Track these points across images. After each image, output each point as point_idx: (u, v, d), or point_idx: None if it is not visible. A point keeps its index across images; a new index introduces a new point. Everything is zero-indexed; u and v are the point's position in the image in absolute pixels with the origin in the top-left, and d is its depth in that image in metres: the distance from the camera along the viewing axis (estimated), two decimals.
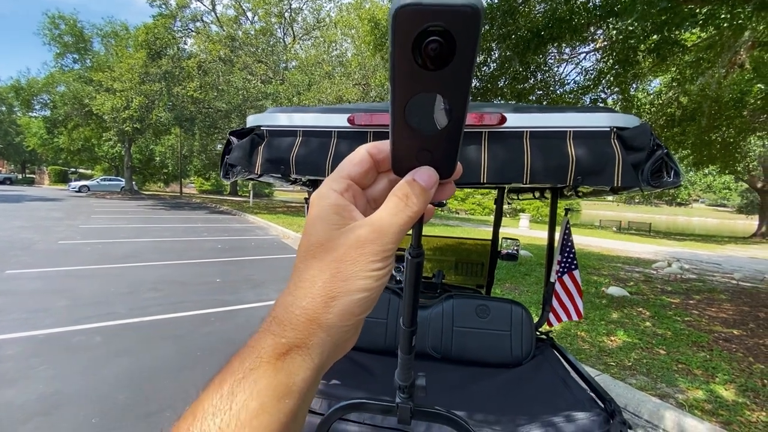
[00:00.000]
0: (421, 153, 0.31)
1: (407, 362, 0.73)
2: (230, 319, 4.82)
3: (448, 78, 0.26)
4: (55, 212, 15.90)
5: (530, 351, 1.77)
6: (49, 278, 6.14)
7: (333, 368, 1.60)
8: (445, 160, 0.32)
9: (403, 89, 0.28)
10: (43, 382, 3.15)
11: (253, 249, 9.98)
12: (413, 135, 0.30)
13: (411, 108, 0.29)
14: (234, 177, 1.35)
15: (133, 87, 19.79)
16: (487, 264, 3.18)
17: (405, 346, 0.70)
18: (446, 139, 0.30)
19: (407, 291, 0.59)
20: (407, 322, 0.65)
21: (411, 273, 0.56)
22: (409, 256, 0.53)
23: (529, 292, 6.49)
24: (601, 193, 1.46)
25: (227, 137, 1.35)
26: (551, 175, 1.09)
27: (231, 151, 1.32)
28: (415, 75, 0.27)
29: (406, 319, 0.64)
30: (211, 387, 0.29)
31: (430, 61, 0.26)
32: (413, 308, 0.62)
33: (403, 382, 0.76)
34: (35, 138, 32.86)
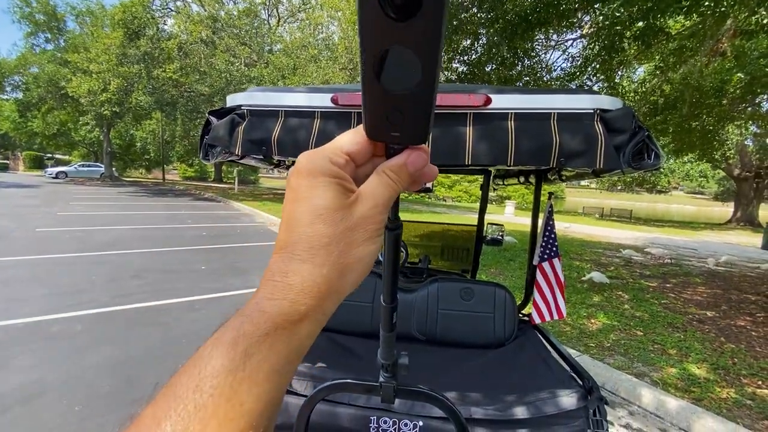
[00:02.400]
0: (393, 114, 0.30)
1: (389, 340, 0.73)
2: (215, 306, 4.78)
3: (417, 30, 0.25)
4: (32, 199, 15.37)
5: (513, 332, 1.80)
6: (26, 266, 5.97)
7: (318, 350, 1.61)
8: (416, 122, 0.31)
9: (371, 43, 0.26)
10: (22, 371, 3.09)
11: (239, 236, 9.88)
12: (384, 94, 0.29)
13: (380, 64, 0.27)
14: (214, 158, 1.31)
15: (111, 69, 19.04)
16: (473, 249, 3.21)
17: (386, 323, 0.70)
18: (418, 100, 0.29)
19: (387, 265, 0.59)
20: (387, 298, 0.64)
21: (390, 246, 0.55)
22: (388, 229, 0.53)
23: (514, 277, 6.61)
24: (584, 176, 1.48)
25: (206, 117, 1.31)
26: (535, 157, 1.09)
27: (210, 131, 1.28)
28: (383, 27, 0.25)
29: (387, 295, 0.64)
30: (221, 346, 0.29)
31: (397, 10, 0.25)
32: (393, 283, 0.62)
33: (386, 360, 0.77)
34: (7, 122, 31.49)
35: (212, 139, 1.25)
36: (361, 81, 0.29)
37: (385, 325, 0.71)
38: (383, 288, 0.63)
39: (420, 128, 0.32)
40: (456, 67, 8.39)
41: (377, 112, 0.31)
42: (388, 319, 0.69)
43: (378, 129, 0.32)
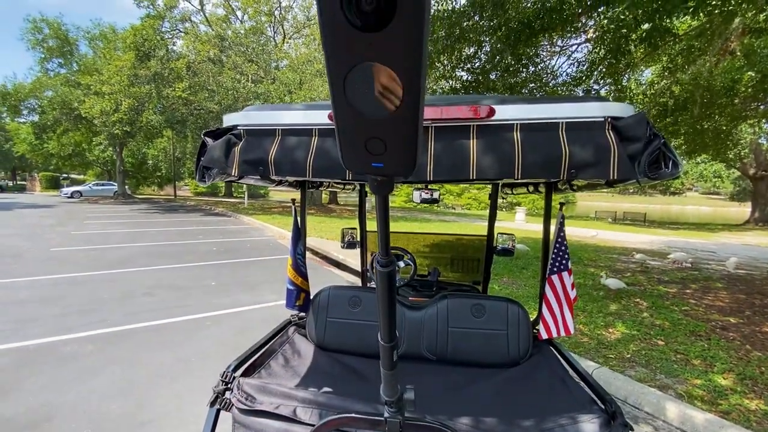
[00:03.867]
0: (371, 142, 0.25)
1: (391, 378, 0.68)
2: (226, 323, 4.75)
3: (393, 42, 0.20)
4: (47, 219, 15.69)
5: (528, 350, 1.73)
6: (40, 287, 6.04)
7: (324, 374, 1.55)
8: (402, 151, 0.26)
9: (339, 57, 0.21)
10: (33, 393, 3.08)
11: (249, 251, 9.90)
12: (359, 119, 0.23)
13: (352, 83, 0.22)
14: (210, 180, 1.29)
15: (122, 90, 19.53)
16: (483, 260, 3.14)
17: (386, 362, 0.65)
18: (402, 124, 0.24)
19: (382, 304, 0.54)
20: (386, 337, 0.60)
21: (384, 285, 0.50)
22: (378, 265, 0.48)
23: (527, 286, 6.47)
24: (596, 186, 1.42)
25: (202, 138, 1.28)
26: (544, 169, 1.04)
27: (205, 152, 1.25)
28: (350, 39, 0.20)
29: (384, 333, 0.59)
30: None
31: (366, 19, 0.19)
32: (390, 322, 0.57)
33: (390, 397, 0.71)
34: (24, 144, 32.43)
35: (208, 161, 1.23)
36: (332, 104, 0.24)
37: (386, 364, 0.66)
38: (380, 326, 0.58)
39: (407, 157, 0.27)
40: (460, 76, 8.39)
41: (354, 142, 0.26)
42: (388, 358, 0.64)
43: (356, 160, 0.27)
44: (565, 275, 1.70)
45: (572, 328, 1.72)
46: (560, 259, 1.71)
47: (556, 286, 1.71)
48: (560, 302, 1.70)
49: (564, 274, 1.70)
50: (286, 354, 1.72)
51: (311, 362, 1.70)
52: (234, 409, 1.25)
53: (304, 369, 1.64)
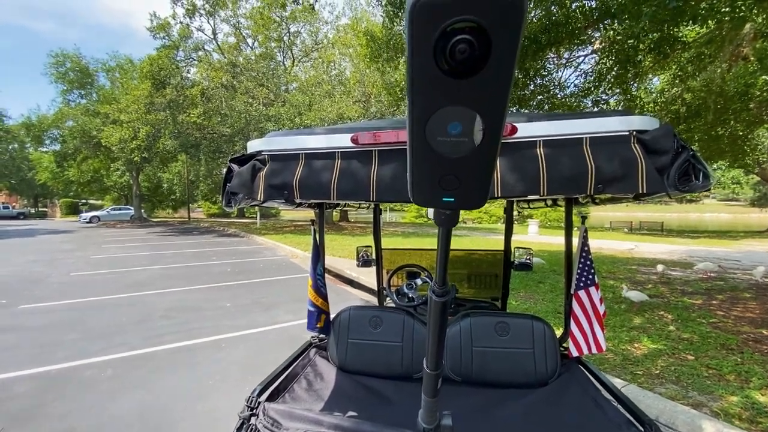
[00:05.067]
0: (445, 179, 0.26)
1: (432, 406, 0.66)
2: (242, 344, 4.74)
3: (480, 88, 0.21)
4: (67, 244, 16.08)
5: (555, 369, 1.67)
6: (61, 311, 6.14)
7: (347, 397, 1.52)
8: (476, 186, 0.26)
9: (424, 102, 0.22)
10: (56, 419, 3.09)
11: (263, 271, 9.95)
12: (436, 158, 0.24)
13: (434, 125, 0.23)
14: (237, 205, 1.31)
15: (140, 117, 20.22)
16: (501, 275, 3.09)
17: (430, 389, 0.63)
18: (477, 164, 0.24)
19: (432, 333, 0.54)
20: (432, 365, 0.59)
21: (436, 314, 0.50)
22: (434, 295, 0.48)
23: (545, 301, 6.33)
24: (621, 199, 1.39)
25: (228, 164, 1.31)
26: (570, 185, 1.03)
27: (232, 178, 1.28)
28: (439, 84, 0.21)
29: (431, 361, 0.58)
30: None
31: (458, 67, 0.20)
32: (439, 350, 0.56)
33: (428, 425, 0.69)
34: (46, 172, 33.61)
35: (236, 187, 1.25)
36: (409, 144, 0.24)
37: (429, 391, 0.65)
38: (427, 354, 0.57)
39: (479, 192, 0.27)
40: None
41: (428, 178, 0.26)
42: (432, 385, 0.63)
43: (427, 196, 0.28)
44: (593, 290, 1.66)
45: (604, 345, 1.66)
46: (586, 273, 1.67)
47: (584, 301, 1.66)
48: (589, 318, 1.65)
49: (591, 289, 1.66)
50: (308, 377, 1.70)
51: (334, 385, 1.68)
52: None
53: (328, 392, 1.62)
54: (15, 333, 5.13)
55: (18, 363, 4.15)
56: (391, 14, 6.62)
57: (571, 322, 1.69)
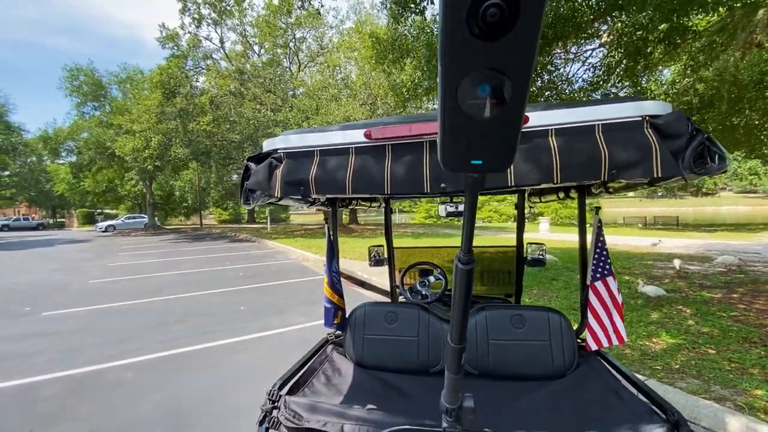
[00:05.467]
0: (474, 142, 0.27)
1: (455, 383, 0.67)
2: (257, 346, 4.79)
3: (508, 50, 0.22)
4: (85, 253, 16.45)
5: (573, 361, 1.66)
6: (81, 317, 6.29)
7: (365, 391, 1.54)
8: (503, 147, 0.28)
9: (455, 67, 0.24)
10: (81, 421, 3.17)
11: (274, 274, 10.04)
12: (466, 121, 0.26)
13: (465, 89, 0.25)
14: (255, 202, 1.34)
15: (151, 127, 20.61)
16: (514, 271, 3.08)
17: (453, 364, 0.64)
18: (506, 123, 0.26)
19: (457, 303, 0.54)
20: (456, 338, 0.59)
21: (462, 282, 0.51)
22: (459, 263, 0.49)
23: (559, 298, 6.26)
24: (634, 187, 1.38)
25: (245, 163, 1.35)
26: (583, 171, 1.03)
27: (250, 176, 1.31)
28: (470, 48, 0.22)
29: (455, 335, 0.59)
30: None
31: (488, 30, 0.22)
32: (463, 323, 0.57)
33: (451, 404, 0.70)
34: (63, 183, 34.44)
35: (253, 184, 1.28)
36: (441, 110, 0.26)
37: (452, 367, 0.66)
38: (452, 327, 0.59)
39: (506, 153, 0.29)
40: None
41: (459, 140, 0.28)
42: (455, 361, 0.64)
43: (458, 158, 0.30)
44: (610, 280, 1.64)
45: (625, 336, 1.64)
46: (602, 264, 1.65)
47: (601, 292, 1.65)
48: (608, 309, 1.63)
49: (609, 280, 1.64)
50: (326, 372, 1.72)
51: (352, 380, 1.70)
52: (282, 427, 1.26)
53: (346, 387, 1.63)
54: (39, 338, 5.27)
55: (43, 367, 4.26)
56: (396, 14, 6.64)
57: (588, 314, 1.67)
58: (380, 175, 1.16)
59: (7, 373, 4.14)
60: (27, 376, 4.06)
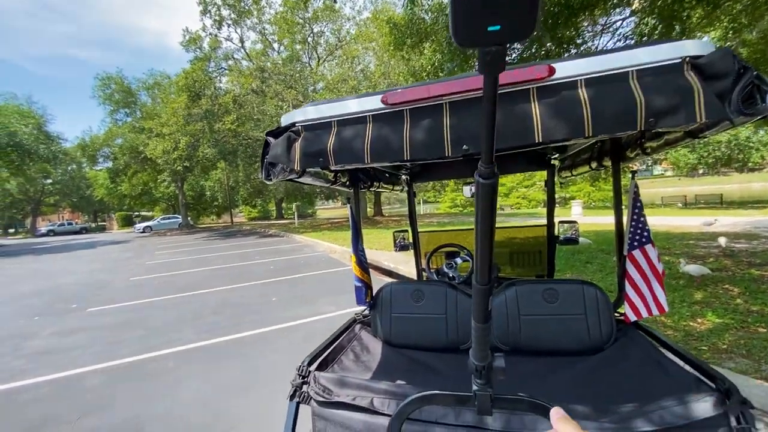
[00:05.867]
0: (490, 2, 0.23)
1: (483, 335, 0.62)
2: (288, 335, 4.89)
3: None
4: (125, 253, 17.33)
5: (611, 334, 1.58)
6: (124, 312, 6.63)
7: (394, 368, 1.52)
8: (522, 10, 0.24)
9: None
10: (125, 408, 3.34)
11: (303, 266, 10.21)
12: None
13: None
14: (276, 177, 1.34)
15: (179, 129, 21.32)
16: (546, 252, 2.97)
17: (479, 311, 0.59)
18: None
19: (481, 230, 0.49)
20: (482, 278, 0.54)
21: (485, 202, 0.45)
22: (480, 177, 0.45)
23: (594, 280, 6.03)
24: (675, 142, 1.26)
25: (265, 138, 1.35)
26: (617, 122, 0.95)
27: (269, 151, 1.31)
28: None
29: (481, 273, 0.54)
30: None
31: None
32: (489, 257, 0.52)
33: (480, 362, 0.66)
34: (102, 188, 36.33)
35: (272, 158, 1.28)
36: None
37: (478, 314, 0.61)
38: (476, 264, 0.54)
39: (529, 14, 0.24)
40: None
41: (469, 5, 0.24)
42: (482, 306, 0.59)
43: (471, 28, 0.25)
44: (649, 248, 1.53)
45: (666, 305, 1.53)
46: (640, 231, 1.54)
47: (640, 261, 1.54)
48: (647, 279, 1.52)
49: (647, 247, 1.53)
50: (355, 350, 1.72)
51: (380, 357, 1.68)
52: (312, 402, 1.26)
53: (375, 364, 1.62)
54: (85, 333, 5.60)
55: (89, 359, 4.53)
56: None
57: (627, 285, 1.57)
58: (399, 141, 1.12)
59: (57, 365, 4.42)
60: (75, 367, 4.31)
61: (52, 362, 4.51)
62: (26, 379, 4.08)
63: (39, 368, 4.35)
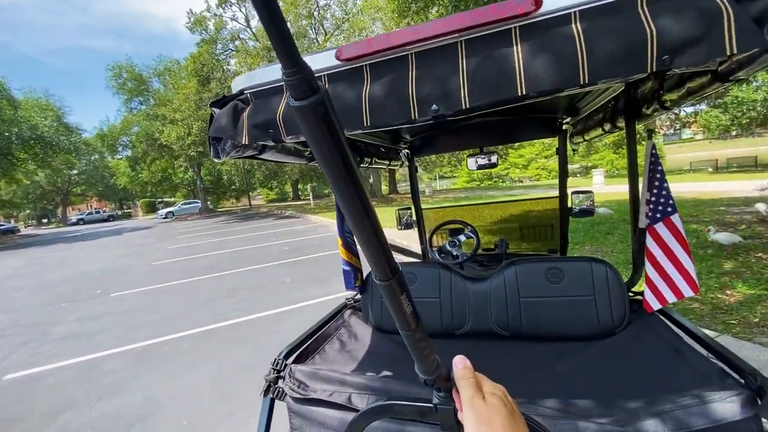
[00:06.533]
0: None
1: (413, 342, 0.48)
2: (300, 315, 4.90)
3: None
4: (148, 238, 17.86)
5: (623, 317, 1.42)
6: (143, 296, 6.81)
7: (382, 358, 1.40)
8: None
9: None
10: (141, 390, 3.42)
11: (317, 247, 10.24)
12: None
13: None
14: (226, 155, 1.20)
15: (191, 114, 21.41)
16: (558, 225, 2.78)
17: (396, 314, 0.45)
18: None
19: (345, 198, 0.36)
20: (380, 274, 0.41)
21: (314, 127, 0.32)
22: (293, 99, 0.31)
23: (615, 252, 5.77)
24: (701, 89, 1.04)
25: (210, 110, 1.20)
26: (621, 63, 0.76)
27: (213, 123, 1.16)
28: None
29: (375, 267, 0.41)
30: None
31: None
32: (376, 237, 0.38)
33: (427, 375, 0.52)
34: (124, 177, 37.29)
35: (216, 131, 1.13)
36: None
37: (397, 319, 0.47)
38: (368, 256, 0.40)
39: None
40: None
41: None
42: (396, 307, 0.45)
43: None
44: (675, 218, 1.31)
45: (698, 284, 1.32)
46: (662, 200, 1.32)
47: (663, 236, 1.31)
48: (673, 257, 1.29)
49: (673, 218, 1.31)
50: (342, 338, 1.62)
51: (368, 345, 1.58)
52: (287, 397, 1.17)
53: (362, 353, 1.52)
54: (107, 318, 5.78)
55: (109, 343, 4.66)
56: None
57: (648, 266, 1.36)
58: (357, 105, 0.95)
59: (80, 350, 4.58)
60: (96, 351, 4.45)
61: (76, 347, 4.67)
62: (51, 363, 4.24)
63: (63, 353, 4.51)
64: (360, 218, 0.37)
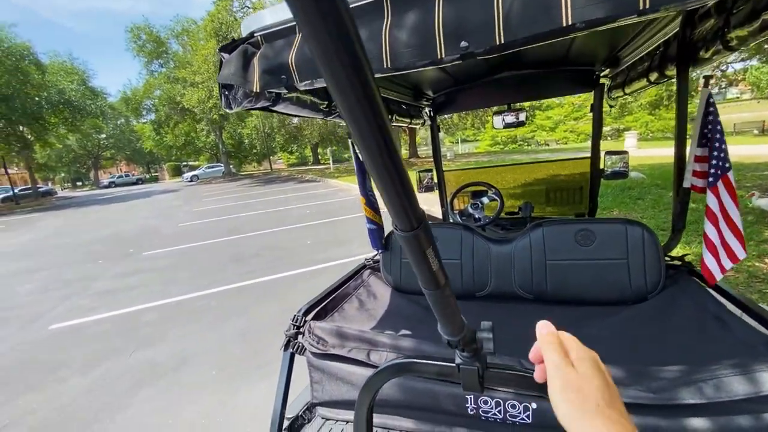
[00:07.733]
0: None
1: (438, 301, 0.44)
2: (323, 275, 5.02)
3: None
4: (175, 201, 18.43)
5: (658, 281, 1.34)
6: (174, 255, 7.11)
7: (404, 318, 1.39)
8: None
9: None
10: (174, 341, 3.63)
11: (337, 210, 10.31)
12: None
13: None
14: (237, 104, 1.14)
15: (211, 76, 21.24)
16: (587, 188, 2.65)
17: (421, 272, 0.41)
18: None
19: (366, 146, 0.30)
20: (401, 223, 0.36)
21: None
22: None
23: (645, 218, 5.54)
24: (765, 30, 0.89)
25: (218, 55, 1.13)
26: None
27: (222, 70, 1.10)
28: None
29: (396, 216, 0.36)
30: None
31: None
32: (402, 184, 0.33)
33: (451, 336, 0.49)
34: (149, 140, 38.02)
35: (224, 78, 1.06)
36: None
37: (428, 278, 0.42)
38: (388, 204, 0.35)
39: None
40: None
41: None
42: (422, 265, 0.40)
43: None
44: (731, 175, 1.20)
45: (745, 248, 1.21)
46: (722, 154, 1.19)
47: (723, 198, 1.19)
48: (730, 221, 1.19)
49: (729, 174, 1.19)
50: (360, 297, 1.63)
51: (387, 305, 1.58)
52: (307, 352, 1.19)
53: (380, 312, 1.53)
54: (141, 274, 6.09)
55: (144, 298, 4.93)
56: None
57: (709, 227, 1.22)
58: (377, 45, 0.86)
59: (117, 303, 4.87)
60: (131, 305, 4.72)
61: (114, 301, 4.97)
62: (91, 316, 4.54)
63: (102, 306, 4.81)
64: (379, 152, 0.30)
